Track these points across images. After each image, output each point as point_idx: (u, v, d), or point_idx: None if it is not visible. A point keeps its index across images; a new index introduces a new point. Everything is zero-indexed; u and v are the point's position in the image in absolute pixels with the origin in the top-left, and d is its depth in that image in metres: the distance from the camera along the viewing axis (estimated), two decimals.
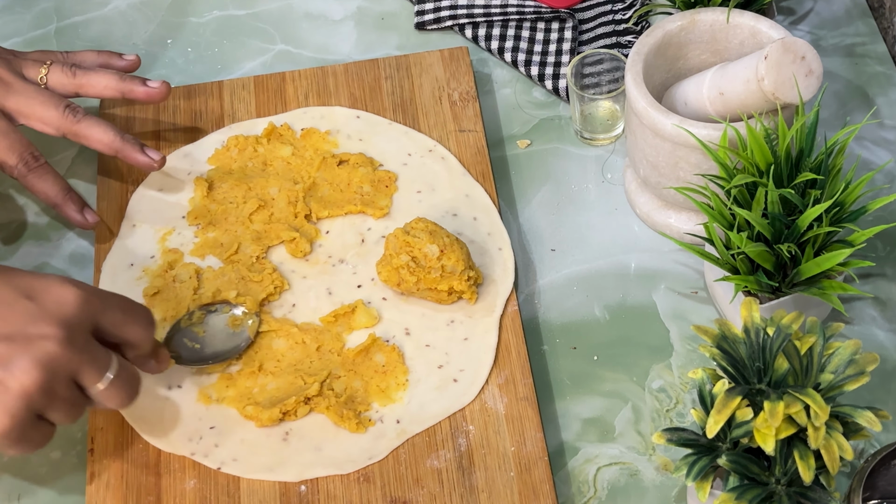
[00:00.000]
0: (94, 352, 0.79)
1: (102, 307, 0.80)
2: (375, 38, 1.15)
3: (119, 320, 0.81)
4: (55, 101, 0.96)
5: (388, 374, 0.91)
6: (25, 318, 0.76)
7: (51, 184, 0.96)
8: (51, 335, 0.76)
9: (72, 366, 0.77)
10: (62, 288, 0.78)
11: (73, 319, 0.77)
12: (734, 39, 0.96)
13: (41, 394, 0.76)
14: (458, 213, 0.99)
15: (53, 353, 0.76)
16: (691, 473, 0.74)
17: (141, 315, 0.84)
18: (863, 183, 0.83)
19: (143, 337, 0.83)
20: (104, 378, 0.79)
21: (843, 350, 0.75)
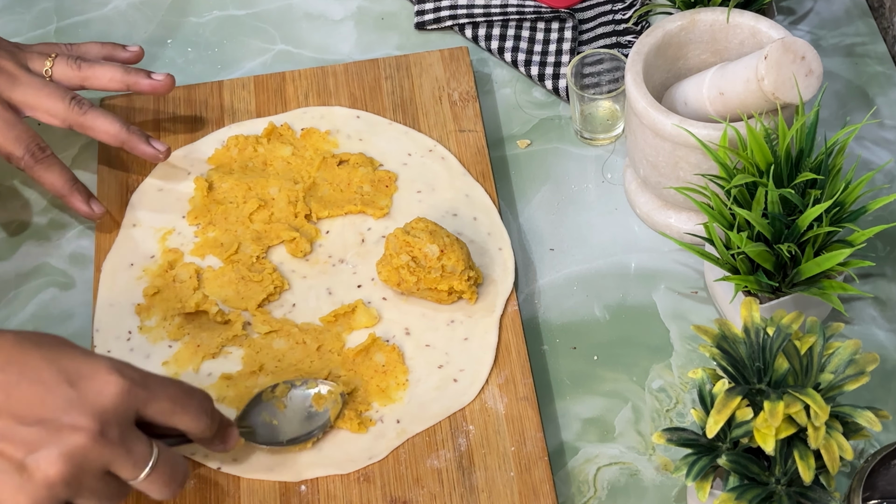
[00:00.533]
0: (130, 445, 0.76)
1: (148, 397, 0.77)
2: (375, 38, 1.15)
3: (167, 409, 0.78)
4: (61, 92, 0.97)
5: (388, 374, 0.91)
6: (63, 406, 0.74)
7: (57, 175, 0.97)
8: (83, 427, 0.73)
9: (102, 460, 0.74)
10: (108, 376, 0.75)
11: (111, 412, 0.75)
12: (734, 39, 0.96)
13: (66, 486, 0.73)
14: (458, 213, 0.99)
15: (83, 447, 0.73)
16: (691, 473, 0.74)
17: (194, 404, 0.80)
18: (863, 183, 0.83)
19: (196, 426, 0.80)
20: (143, 472, 0.76)
21: (843, 350, 0.75)
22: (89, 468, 0.74)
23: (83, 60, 0.99)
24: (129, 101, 1.07)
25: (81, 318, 0.97)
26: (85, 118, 0.97)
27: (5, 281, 1.00)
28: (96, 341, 0.94)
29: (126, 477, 0.76)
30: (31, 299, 0.99)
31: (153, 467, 0.77)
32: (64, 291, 0.99)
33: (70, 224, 1.03)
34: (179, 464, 0.80)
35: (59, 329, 0.96)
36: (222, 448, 0.84)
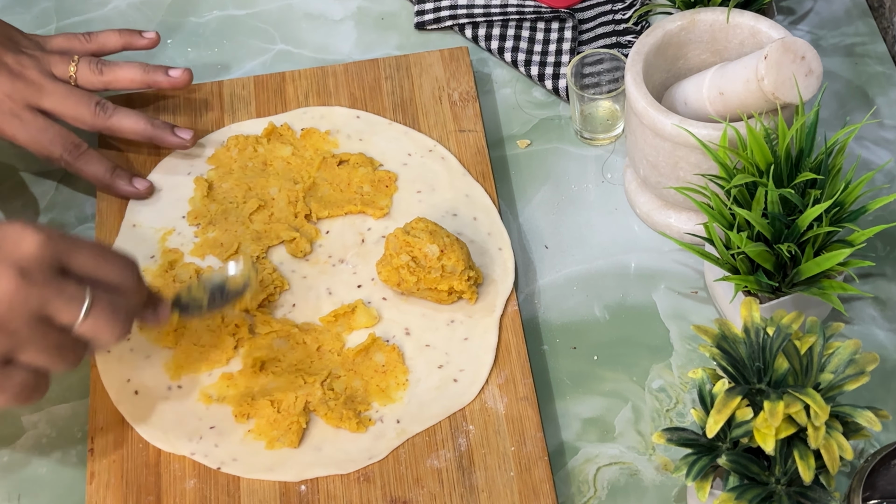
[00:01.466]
0: (61, 286, 0.76)
1: (68, 248, 0.78)
2: (375, 38, 1.15)
3: (90, 262, 0.79)
4: (86, 99, 0.99)
5: (388, 374, 0.91)
6: None
7: (97, 166, 1.00)
8: (4, 275, 0.74)
9: (31, 301, 0.75)
10: (21, 232, 0.76)
11: (31, 259, 0.75)
12: (734, 39, 0.96)
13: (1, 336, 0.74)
14: (458, 213, 0.99)
15: (7, 291, 0.74)
16: (691, 473, 0.74)
17: (118, 257, 0.81)
18: (863, 183, 0.83)
19: (123, 279, 0.80)
20: (80, 311, 0.76)
21: (842, 350, 0.75)
22: (18, 313, 0.74)
23: (104, 64, 1.01)
24: (129, 103, 1.07)
25: None
26: (111, 121, 1.00)
27: None
28: None
29: (65, 320, 0.76)
30: None
31: (90, 306, 0.77)
32: None
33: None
34: (119, 302, 0.79)
35: None
36: (155, 320, 0.85)
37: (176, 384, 0.91)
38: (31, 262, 0.75)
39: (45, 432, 0.92)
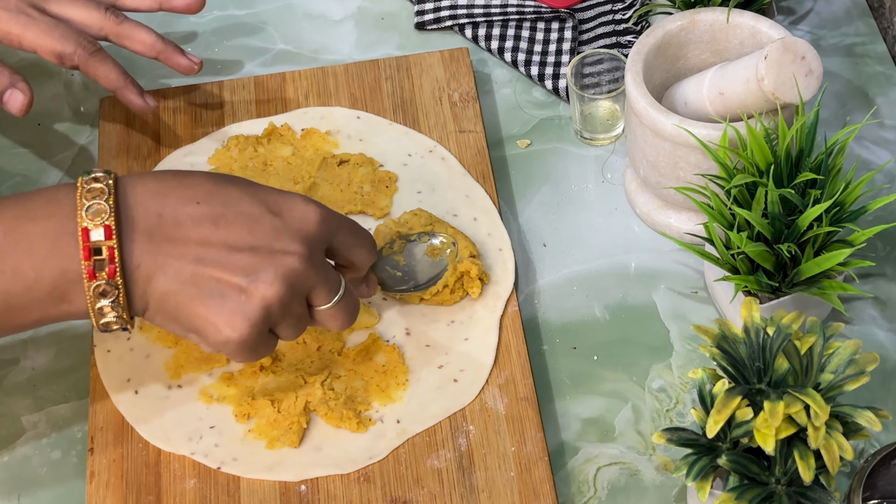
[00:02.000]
0: (328, 272, 0.80)
1: (338, 226, 0.82)
2: (375, 38, 1.15)
3: (350, 242, 0.83)
4: (95, 2, 0.97)
5: (388, 374, 0.91)
6: (272, 233, 0.78)
7: (111, 68, 0.97)
8: (295, 251, 0.78)
9: (309, 283, 0.79)
10: (305, 206, 0.80)
11: (314, 237, 0.79)
12: (734, 39, 0.96)
13: (279, 307, 0.78)
14: (458, 213, 0.99)
15: (296, 269, 0.78)
16: (691, 473, 0.74)
17: (367, 238, 0.85)
18: (863, 183, 0.83)
19: (367, 260, 0.85)
20: (332, 300, 0.81)
21: (843, 350, 0.75)
22: (299, 290, 0.79)
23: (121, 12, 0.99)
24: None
25: None
26: (122, 27, 0.97)
27: None
28: (96, 341, 0.94)
29: (319, 304, 0.81)
30: None
31: (341, 296, 0.81)
32: None
33: None
34: (356, 298, 0.84)
35: (60, 329, 0.96)
36: (367, 292, 0.89)
37: (176, 384, 0.91)
38: (313, 239, 0.79)
39: (45, 432, 0.92)
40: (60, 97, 1.11)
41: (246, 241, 0.77)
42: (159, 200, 0.77)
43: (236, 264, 0.77)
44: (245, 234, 0.77)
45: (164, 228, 0.77)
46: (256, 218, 0.78)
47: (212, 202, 0.78)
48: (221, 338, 0.77)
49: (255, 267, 0.77)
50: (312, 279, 0.79)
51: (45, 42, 0.94)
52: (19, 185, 1.05)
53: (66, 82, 1.12)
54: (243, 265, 0.77)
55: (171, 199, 0.77)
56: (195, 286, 0.76)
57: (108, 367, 0.92)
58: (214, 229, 0.77)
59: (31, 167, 1.06)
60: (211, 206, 0.78)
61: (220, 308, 0.77)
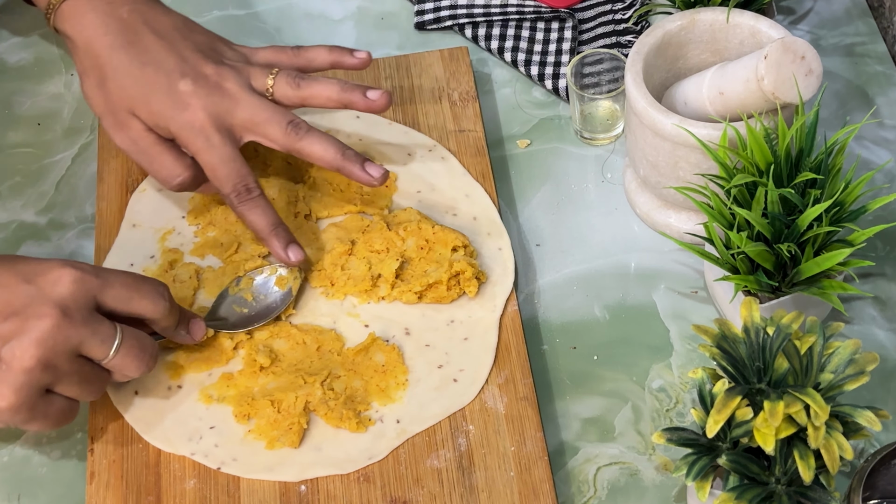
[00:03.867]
0: (95, 325, 0.82)
1: (102, 285, 0.83)
2: (375, 38, 1.15)
3: (123, 295, 0.84)
4: (279, 117, 0.93)
5: (388, 374, 0.91)
6: (24, 301, 0.80)
7: (260, 216, 0.94)
8: (47, 313, 0.80)
9: (71, 341, 0.80)
10: (60, 270, 0.82)
11: (69, 298, 0.81)
12: (734, 39, 0.96)
13: (43, 370, 0.79)
14: (458, 213, 0.99)
15: (50, 330, 0.79)
16: (691, 473, 0.74)
17: (148, 290, 0.85)
18: (863, 182, 0.83)
19: (154, 310, 0.85)
20: (111, 349, 0.82)
21: (842, 350, 0.75)
22: (60, 350, 0.80)
23: (302, 79, 0.95)
24: None
25: None
26: (302, 144, 0.94)
27: None
28: None
29: (96, 357, 0.82)
30: None
31: (120, 344, 0.83)
32: None
33: (70, 224, 1.03)
34: (146, 340, 0.85)
35: None
36: (189, 339, 0.90)
37: (176, 384, 0.91)
38: (68, 300, 0.81)
39: (45, 432, 0.92)
40: (60, 97, 1.11)
41: (1, 312, 0.80)
42: None
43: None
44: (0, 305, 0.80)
45: None
46: (11, 288, 0.81)
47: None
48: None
49: (10, 335, 0.79)
50: (74, 336, 0.80)
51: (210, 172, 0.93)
52: (19, 185, 1.05)
53: (66, 82, 1.12)
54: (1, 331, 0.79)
55: None
56: None
57: None
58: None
59: (31, 167, 1.06)
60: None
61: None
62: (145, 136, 0.93)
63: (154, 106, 0.92)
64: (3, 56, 1.15)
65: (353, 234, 0.97)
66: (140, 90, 0.92)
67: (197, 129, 0.92)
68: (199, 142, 0.92)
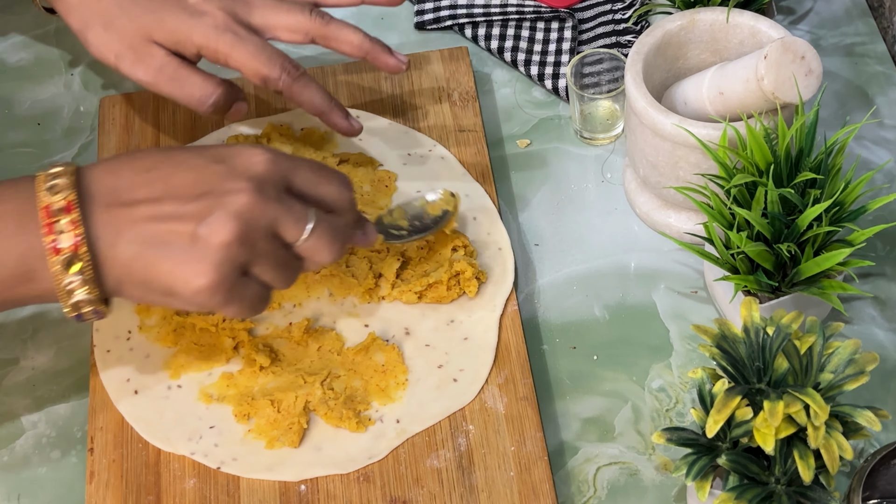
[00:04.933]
0: (288, 203, 0.79)
1: (292, 165, 0.81)
2: None
3: (312, 179, 0.81)
4: (299, 6, 0.94)
5: (388, 374, 0.91)
6: (218, 178, 0.78)
7: (315, 91, 0.95)
8: (243, 188, 0.77)
9: (267, 216, 0.78)
10: (250, 150, 0.80)
11: (262, 175, 0.79)
12: (734, 39, 0.96)
13: (241, 245, 0.77)
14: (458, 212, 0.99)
15: (247, 204, 0.77)
16: (691, 473, 0.74)
17: (335, 175, 0.83)
18: (862, 182, 0.83)
19: (340, 196, 0.83)
20: (305, 230, 0.79)
21: (842, 350, 0.75)
22: (257, 226, 0.77)
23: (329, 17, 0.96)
24: (129, 99, 1.07)
25: None
26: (329, 29, 0.94)
27: None
28: (96, 341, 0.94)
29: (291, 237, 0.79)
30: None
31: (314, 227, 0.80)
32: None
33: None
34: (339, 224, 0.82)
35: (60, 329, 0.96)
36: (364, 240, 0.87)
37: (176, 384, 0.91)
38: (263, 177, 0.79)
39: (45, 432, 0.92)
40: (60, 97, 1.11)
41: (193, 190, 0.78)
42: (114, 175, 0.79)
43: (188, 213, 0.77)
44: (191, 184, 0.78)
45: (120, 197, 0.78)
46: (202, 168, 0.79)
47: (161, 167, 0.79)
48: (192, 289, 0.77)
49: (206, 212, 0.77)
50: (270, 212, 0.78)
51: (252, 64, 0.92)
52: None
53: (66, 82, 1.13)
54: (194, 213, 0.77)
55: (125, 170, 0.79)
56: (155, 245, 0.77)
57: (107, 367, 0.92)
58: (164, 187, 0.78)
59: (31, 167, 1.06)
60: (161, 169, 0.79)
61: (182, 259, 0.76)
62: (170, 61, 0.92)
63: (170, 23, 0.91)
64: (3, 56, 1.15)
65: None
66: (152, 14, 0.91)
67: (221, 27, 0.91)
68: (229, 39, 0.91)
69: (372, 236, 0.88)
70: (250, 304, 0.80)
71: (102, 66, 1.12)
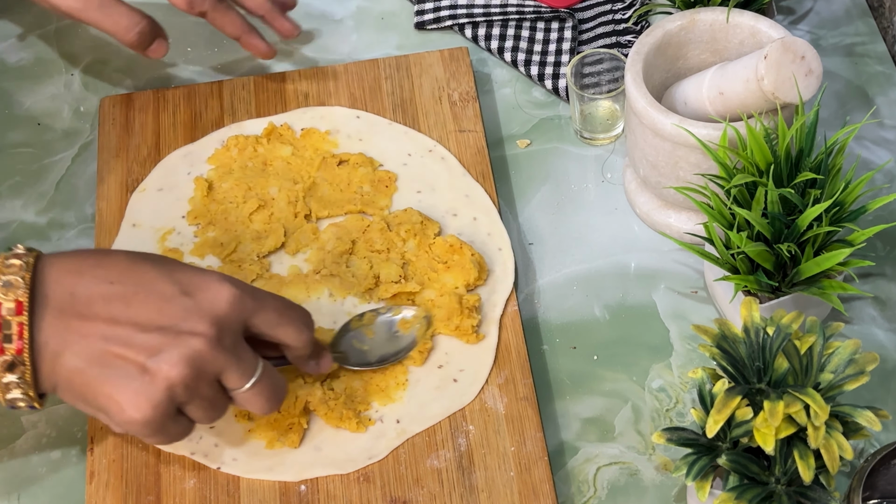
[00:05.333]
0: (241, 354, 0.79)
1: (255, 307, 0.80)
2: (375, 38, 1.15)
3: (273, 321, 0.81)
4: None
5: (388, 374, 0.91)
6: (181, 314, 0.77)
7: (235, 16, 1.02)
8: (202, 333, 0.77)
9: (217, 365, 0.78)
10: (219, 286, 0.79)
11: (224, 319, 0.78)
12: (734, 39, 0.96)
13: (184, 388, 0.77)
14: (458, 213, 0.99)
15: (202, 351, 0.77)
16: (691, 473, 0.74)
17: (296, 317, 0.83)
18: (862, 182, 0.83)
19: (298, 339, 0.83)
20: (248, 383, 0.80)
21: (842, 350, 0.75)
22: (205, 373, 0.78)
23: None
24: (129, 99, 1.07)
25: None
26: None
27: None
28: None
29: (233, 386, 0.79)
30: None
31: (258, 379, 0.80)
32: None
33: (70, 224, 1.03)
34: (279, 380, 0.82)
35: None
36: (317, 369, 0.87)
37: None
38: (224, 321, 0.78)
39: (45, 432, 0.92)
40: (60, 97, 1.11)
41: (154, 320, 0.77)
42: (74, 279, 0.78)
43: (142, 344, 0.76)
44: (154, 313, 0.77)
45: (76, 306, 0.77)
46: (168, 298, 0.78)
47: (125, 281, 0.78)
48: (125, 417, 0.77)
49: (161, 347, 0.76)
50: (221, 361, 0.78)
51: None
52: (19, 185, 1.05)
53: (66, 82, 1.12)
54: (149, 345, 0.76)
55: (86, 277, 0.78)
56: (101, 365, 0.76)
57: None
58: (125, 308, 0.77)
59: (31, 167, 1.06)
60: (124, 285, 0.78)
61: (124, 388, 0.76)
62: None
63: None
64: (3, 56, 1.15)
65: (354, 233, 0.97)
66: None
67: None
68: None
69: (325, 366, 0.88)
70: (174, 437, 0.80)
71: (102, 66, 1.12)
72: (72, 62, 1.14)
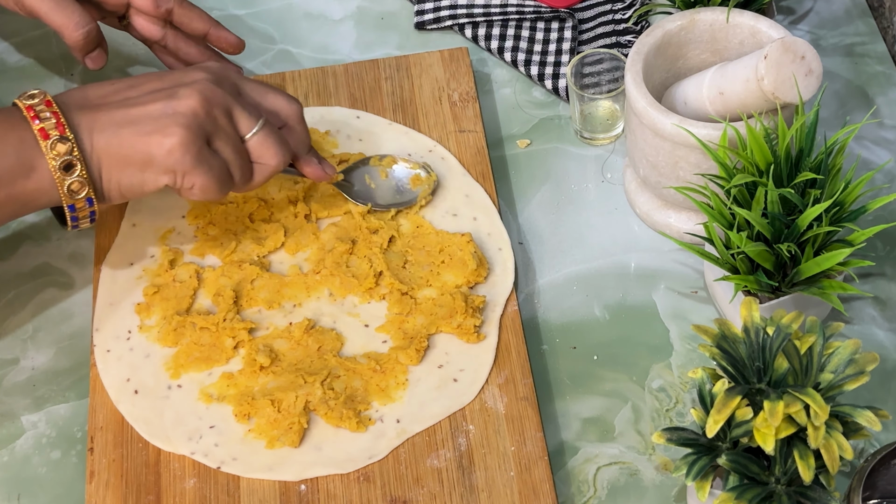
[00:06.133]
0: (243, 98, 0.91)
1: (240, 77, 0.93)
2: (375, 38, 1.15)
3: (260, 89, 0.92)
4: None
5: (388, 374, 0.91)
6: (178, 75, 0.90)
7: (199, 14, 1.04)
8: (202, 77, 0.89)
9: (226, 100, 0.89)
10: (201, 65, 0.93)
11: (219, 71, 0.91)
12: (734, 39, 0.96)
13: (205, 115, 0.87)
14: (458, 213, 0.99)
15: (208, 87, 0.88)
16: (691, 473, 0.74)
17: (282, 91, 0.94)
18: (862, 182, 0.83)
19: (288, 106, 0.93)
20: (255, 125, 0.89)
21: (842, 349, 0.75)
22: (216, 103, 0.88)
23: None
24: None
25: (81, 318, 0.97)
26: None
27: (5, 281, 1.00)
28: (96, 341, 0.94)
29: (242, 128, 0.89)
30: (31, 299, 0.99)
31: (263, 125, 0.90)
32: (64, 291, 0.99)
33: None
34: (283, 136, 0.92)
35: (59, 329, 0.96)
36: (319, 169, 0.95)
37: (176, 384, 0.91)
38: (219, 73, 0.91)
39: (45, 432, 0.92)
40: None
41: (160, 86, 0.89)
42: (82, 91, 0.90)
43: (156, 95, 0.88)
44: (156, 82, 0.90)
45: (92, 101, 0.88)
46: (162, 75, 0.91)
47: (125, 81, 0.90)
48: (167, 147, 0.86)
49: (174, 90, 0.88)
50: (228, 98, 0.89)
51: None
52: None
53: (66, 82, 1.12)
54: (163, 93, 0.88)
55: (92, 88, 0.90)
56: (130, 124, 0.87)
57: (107, 366, 0.92)
58: (132, 90, 0.89)
59: None
60: (125, 82, 0.90)
61: (154, 127, 0.86)
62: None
63: None
64: (3, 56, 1.15)
65: (354, 233, 0.97)
66: None
67: None
68: None
69: (330, 171, 0.95)
70: (216, 175, 0.88)
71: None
72: (72, 62, 1.14)
